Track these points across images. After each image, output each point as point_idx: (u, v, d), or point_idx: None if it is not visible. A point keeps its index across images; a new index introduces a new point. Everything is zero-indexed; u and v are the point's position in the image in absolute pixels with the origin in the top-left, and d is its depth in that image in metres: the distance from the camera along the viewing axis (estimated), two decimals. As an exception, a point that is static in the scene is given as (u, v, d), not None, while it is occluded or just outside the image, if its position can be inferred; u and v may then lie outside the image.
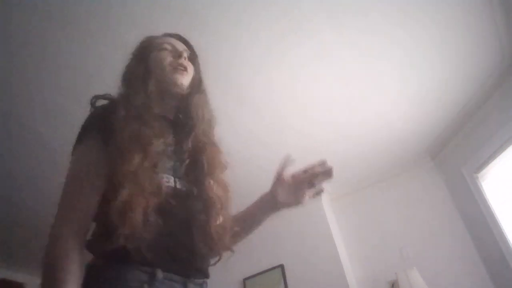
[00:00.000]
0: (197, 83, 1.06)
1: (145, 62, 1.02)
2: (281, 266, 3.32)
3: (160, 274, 0.79)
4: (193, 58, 1.09)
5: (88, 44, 1.99)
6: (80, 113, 2.61)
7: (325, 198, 3.61)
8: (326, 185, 1.03)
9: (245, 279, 3.41)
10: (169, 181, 0.89)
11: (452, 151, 3.18)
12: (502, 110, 2.65)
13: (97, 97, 0.99)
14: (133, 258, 0.76)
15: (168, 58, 1.01)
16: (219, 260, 0.98)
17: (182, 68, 1.01)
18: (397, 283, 2.85)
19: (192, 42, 1.14)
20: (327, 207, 3.57)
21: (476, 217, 2.88)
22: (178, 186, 0.91)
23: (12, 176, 2.78)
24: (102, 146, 0.85)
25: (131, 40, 2.11)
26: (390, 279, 3.04)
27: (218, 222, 0.96)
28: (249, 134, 2.80)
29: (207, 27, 2.02)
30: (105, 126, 0.86)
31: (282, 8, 2.00)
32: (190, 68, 1.04)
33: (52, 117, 2.37)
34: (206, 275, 0.92)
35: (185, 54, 1.04)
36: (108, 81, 2.47)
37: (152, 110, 0.93)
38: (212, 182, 0.98)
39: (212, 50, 2.12)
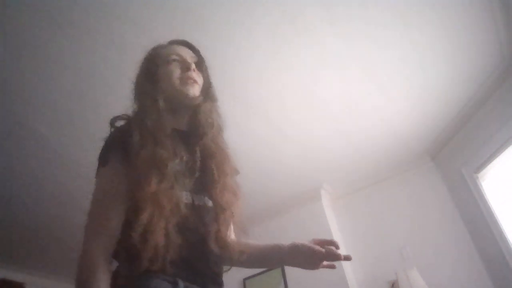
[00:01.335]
0: (205, 90, 1.06)
1: (154, 77, 1.02)
2: (281, 266, 3.32)
3: (181, 284, 0.84)
4: (201, 64, 1.08)
5: (88, 44, 1.99)
6: (81, 113, 2.62)
7: (325, 198, 3.61)
8: (326, 186, 1.02)
9: (245, 279, 3.41)
10: (188, 198, 0.92)
11: (452, 151, 3.18)
12: (502, 110, 2.65)
13: (116, 118, 1.01)
14: (157, 271, 0.81)
15: (177, 72, 1.01)
16: (230, 268, 1.01)
17: (192, 81, 1.01)
18: (397, 283, 2.85)
19: (196, 45, 1.13)
20: (327, 207, 3.57)
21: (476, 217, 2.88)
22: (196, 202, 0.94)
23: (12, 176, 2.78)
24: (123, 168, 0.88)
25: (132, 40, 2.12)
26: (390, 279, 3.04)
27: (228, 229, 0.98)
28: (250, 132, 2.80)
29: (210, 28, 2.02)
30: (123, 148, 0.89)
31: (284, 12, 2.00)
32: (200, 78, 1.05)
33: (52, 117, 2.37)
34: (221, 285, 0.96)
35: (193, 65, 1.03)
36: (108, 81, 2.48)
37: (165, 128, 0.94)
38: (221, 189, 0.99)
39: (216, 52, 2.12)
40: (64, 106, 2.31)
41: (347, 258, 0.97)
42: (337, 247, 0.98)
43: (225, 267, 1.00)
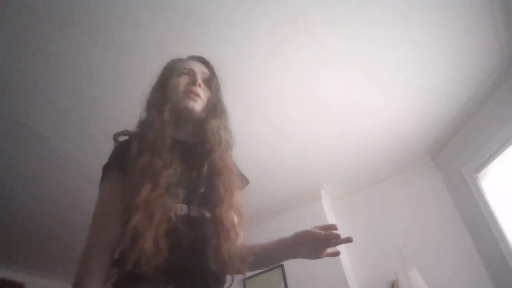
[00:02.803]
0: (213, 106, 1.08)
1: (164, 88, 1.07)
2: (281, 266, 3.32)
3: None
4: (210, 80, 1.12)
5: (88, 44, 1.99)
6: (80, 113, 2.62)
7: (325, 198, 3.61)
8: (326, 186, 1.02)
9: (245, 279, 3.41)
10: (182, 209, 0.93)
11: (452, 151, 3.18)
12: (502, 110, 2.65)
13: (118, 134, 1.07)
14: (147, 277, 0.83)
15: (183, 84, 1.06)
16: (231, 283, 1.00)
17: (194, 95, 1.05)
18: (397, 283, 2.85)
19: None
20: (327, 207, 3.57)
21: (476, 217, 2.88)
22: (192, 213, 0.95)
23: (12, 176, 2.78)
24: (121, 182, 0.93)
25: (132, 40, 2.12)
26: (390, 279, 3.04)
27: (230, 248, 0.98)
28: (250, 132, 2.80)
29: (210, 28, 2.01)
30: (123, 163, 0.95)
31: (284, 12, 2.00)
32: (204, 94, 1.08)
33: (52, 116, 2.38)
34: None
35: (200, 81, 1.07)
36: (108, 81, 2.48)
37: (165, 139, 0.97)
38: (226, 208, 1.00)
39: (216, 52, 2.12)
40: (64, 106, 2.31)
41: (348, 240, 0.97)
42: (336, 229, 0.98)
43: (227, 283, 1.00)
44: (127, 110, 2.32)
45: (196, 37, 2.04)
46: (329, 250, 1.01)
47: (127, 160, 0.94)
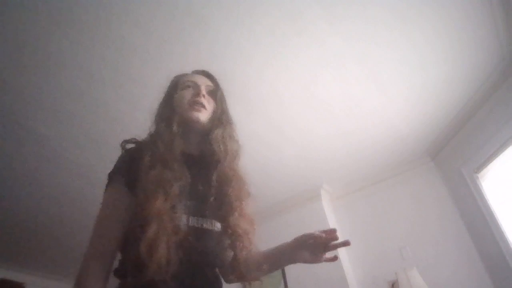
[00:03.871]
0: (218, 117, 1.10)
1: (170, 102, 1.10)
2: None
3: None
4: (215, 92, 1.14)
5: (88, 44, 1.99)
6: (80, 113, 2.61)
7: (325, 198, 3.61)
8: (326, 186, 1.04)
9: (245, 279, 3.41)
10: (191, 221, 0.95)
11: (452, 151, 3.18)
12: (502, 110, 2.65)
13: (126, 142, 1.08)
14: (151, 286, 0.84)
15: (188, 96, 1.08)
16: None
17: (199, 106, 1.06)
18: (397, 283, 2.85)
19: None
20: (327, 207, 3.57)
21: (476, 217, 2.88)
22: (191, 223, 0.96)
23: (12, 176, 2.78)
24: (126, 189, 0.95)
25: (131, 40, 2.12)
26: (390, 279, 3.04)
27: (246, 257, 0.99)
28: (251, 132, 2.80)
29: (210, 28, 2.02)
30: (129, 171, 0.96)
31: (284, 12, 2.00)
32: (209, 105, 1.10)
33: (52, 117, 2.38)
34: None
35: (204, 92, 1.09)
36: (108, 81, 2.48)
37: (175, 152, 0.98)
38: (238, 216, 1.02)
39: (216, 52, 2.12)
40: (64, 106, 2.31)
41: (345, 243, 1.01)
42: (335, 231, 1.02)
43: None
44: (127, 110, 2.32)
45: (196, 37, 2.04)
46: (328, 255, 1.04)
47: (133, 168, 0.95)
